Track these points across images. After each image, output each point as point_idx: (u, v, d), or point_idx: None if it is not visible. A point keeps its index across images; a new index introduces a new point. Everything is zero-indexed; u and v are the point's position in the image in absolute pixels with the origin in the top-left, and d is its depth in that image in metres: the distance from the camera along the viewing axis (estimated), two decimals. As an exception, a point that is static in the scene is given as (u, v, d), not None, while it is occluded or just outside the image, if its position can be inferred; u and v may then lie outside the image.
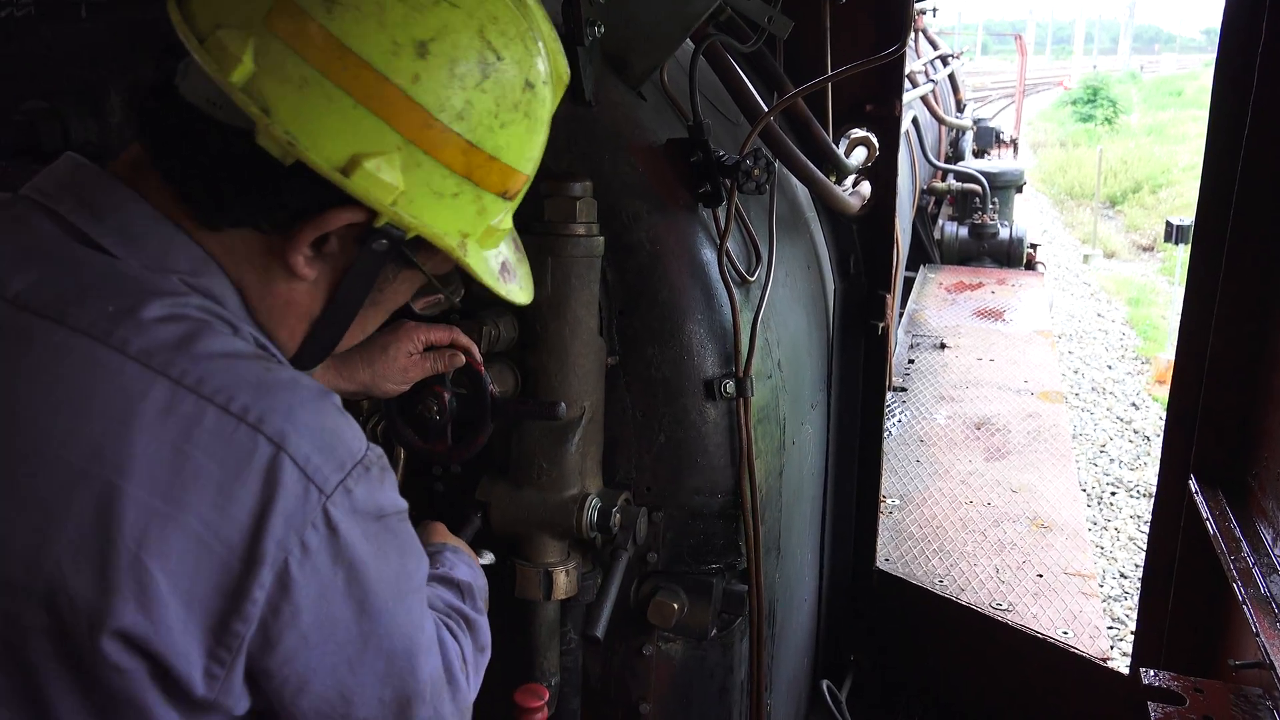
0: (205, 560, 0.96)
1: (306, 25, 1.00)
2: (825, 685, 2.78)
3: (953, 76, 9.84)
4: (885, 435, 3.10)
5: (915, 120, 6.93)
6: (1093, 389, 9.79)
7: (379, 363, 1.58)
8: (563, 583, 1.86)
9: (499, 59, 1.09)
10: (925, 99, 7.50)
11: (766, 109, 2.24)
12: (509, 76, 1.10)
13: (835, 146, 2.70)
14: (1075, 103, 33.56)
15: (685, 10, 1.90)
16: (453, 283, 1.36)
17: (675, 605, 1.93)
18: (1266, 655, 1.75)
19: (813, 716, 2.79)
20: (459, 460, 1.84)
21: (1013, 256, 8.10)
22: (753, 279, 2.06)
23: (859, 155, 2.84)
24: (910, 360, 5.51)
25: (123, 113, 1.96)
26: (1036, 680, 2.93)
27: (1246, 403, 2.19)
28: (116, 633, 0.94)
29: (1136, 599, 3.35)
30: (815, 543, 2.76)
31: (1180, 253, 11.05)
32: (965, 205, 8.29)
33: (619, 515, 1.85)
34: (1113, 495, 7.47)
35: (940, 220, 8.52)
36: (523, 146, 1.15)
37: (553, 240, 1.76)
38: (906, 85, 4.31)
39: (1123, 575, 6.31)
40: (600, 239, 1.80)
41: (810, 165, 2.39)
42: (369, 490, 1.06)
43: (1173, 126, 28.99)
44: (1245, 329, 2.16)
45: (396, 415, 1.77)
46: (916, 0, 5.90)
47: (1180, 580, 2.35)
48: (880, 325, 2.87)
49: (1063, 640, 2.90)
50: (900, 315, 6.18)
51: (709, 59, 2.24)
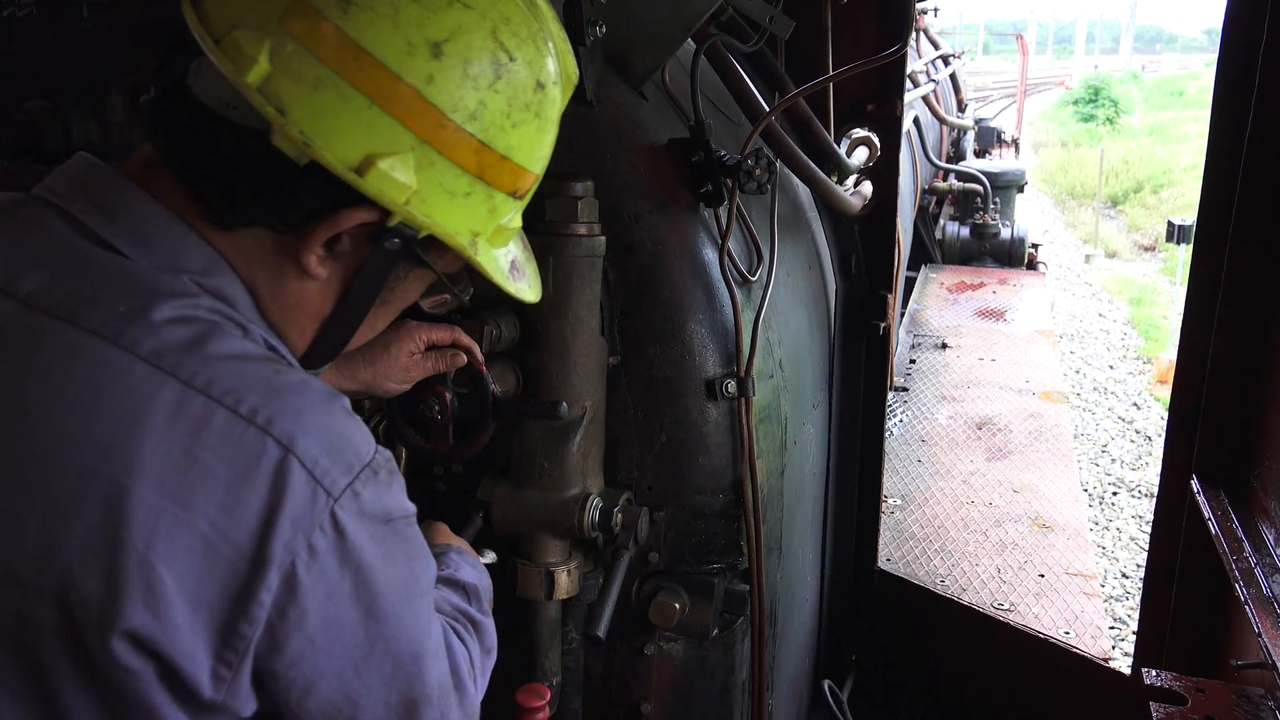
0: (212, 562, 0.96)
1: (321, 26, 1.00)
2: (827, 685, 2.78)
3: (954, 76, 9.83)
4: (887, 435, 3.09)
5: (917, 120, 6.92)
6: (1094, 389, 9.79)
7: (381, 362, 1.58)
8: (564, 582, 1.87)
9: (511, 59, 1.09)
10: (927, 99, 7.49)
11: (768, 109, 2.24)
12: (521, 77, 1.10)
13: (837, 146, 2.70)
14: (1077, 102, 33.56)
15: (686, 10, 1.90)
16: (462, 281, 1.37)
17: (677, 605, 1.93)
18: (1269, 655, 1.75)
19: (814, 716, 2.79)
20: (460, 460, 1.84)
21: (1014, 256, 8.09)
22: (754, 279, 2.06)
23: (860, 155, 2.84)
24: (912, 360, 5.50)
25: (124, 112, 1.96)
26: (1038, 680, 2.93)
27: (1248, 403, 2.19)
28: (125, 633, 0.94)
29: (1138, 599, 3.35)
30: (817, 543, 2.76)
31: (1182, 252, 11.05)
32: (967, 205, 8.28)
33: (620, 515, 1.85)
34: (1114, 495, 7.46)
35: (942, 220, 8.52)
36: (533, 146, 1.16)
37: (554, 240, 1.76)
38: (908, 85, 4.31)
39: (1124, 575, 6.31)
40: (602, 239, 1.80)
41: (812, 165, 2.39)
42: (377, 493, 1.06)
43: (1174, 126, 28.99)
44: (1247, 329, 2.16)
45: (398, 415, 1.77)
46: (918, 0, 5.90)
47: (1182, 580, 2.35)
48: (882, 325, 2.87)
49: (1064, 640, 2.90)
50: (902, 315, 6.18)
51: (710, 59, 2.24)
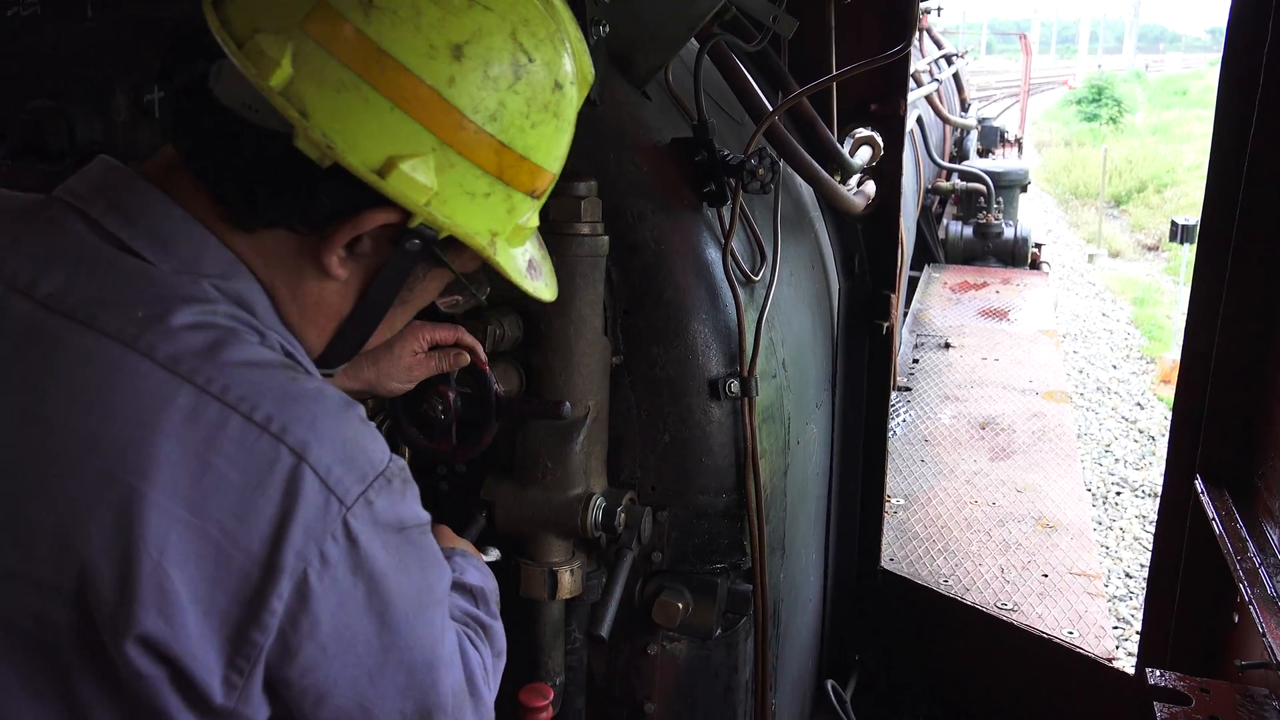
0: (224, 568, 0.96)
1: (343, 29, 1.00)
2: (830, 685, 2.78)
3: (957, 76, 9.84)
4: (890, 435, 3.09)
5: (920, 119, 6.92)
6: (1098, 389, 9.78)
7: (384, 361, 1.57)
8: (567, 582, 1.86)
9: (530, 61, 1.09)
10: (930, 98, 7.50)
11: (771, 108, 2.24)
12: (539, 78, 1.11)
13: (840, 146, 2.70)
14: (1080, 102, 33.52)
15: (690, 10, 1.90)
16: (479, 281, 1.37)
17: (680, 605, 1.93)
18: (1273, 655, 1.75)
19: (817, 716, 2.79)
20: (464, 459, 1.84)
21: (1017, 256, 8.10)
22: (757, 278, 2.06)
23: (864, 154, 2.84)
24: (915, 360, 5.50)
25: (128, 111, 1.96)
26: (1041, 680, 2.93)
27: (1252, 402, 2.18)
28: (138, 638, 0.94)
29: (1142, 599, 3.35)
30: (820, 542, 2.76)
31: (1185, 252, 11.03)
32: (970, 205, 8.29)
33: (623, 515, 1.85)
34: (1118, 495, 7.46)
35: (945, 220, 8.52)
36: (551, 146, 1.16)
37: (557, 239, 1.76)
38: (911, 84, 4.31)
39: (1128, 575, 6.31)
40: (605, 238, 1.80)
41: (815, 164, 2.39)
42: (390, 502, 1.06)
43: (1178, 126, 28.97)
44: (1251, 328, 2.15)
45: (401, 414, 1.77)
46: (921, -1, 5.89)
47: (1186, 580, 2.34)
48: (885, 325, 2.87)
49: (1068, 640, 2.90)
50: (905, 315, 6.18)
51: (714, 58, 2.24)
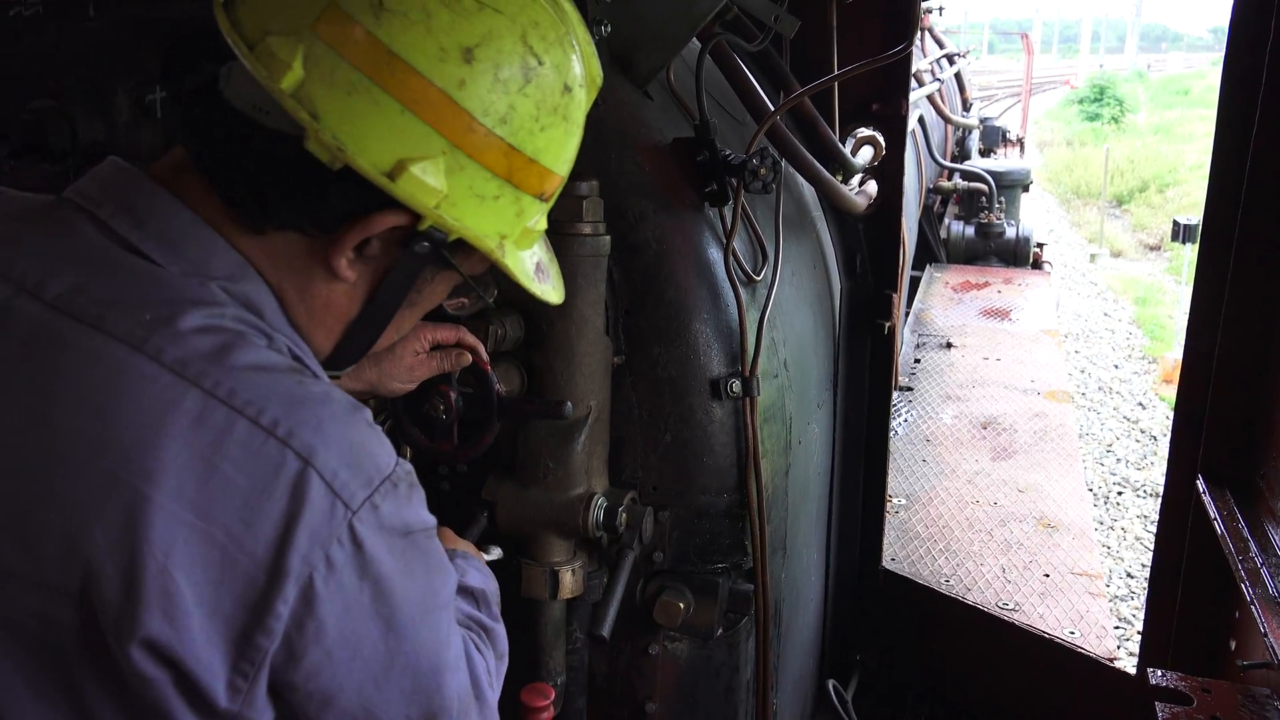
0: (229, 572, 0.96)
1: (354, 31, 1.00)
2: (831, 685, 2.78)
3: (959, 75, 9.82)
4: (891, 435, 3.09)
5: (921, 119, 6.92)
6: (1099, 388, 9.77)
7: (386, 362, 1.57)
8: (569, 582, 1.87)
9: (540, 63, 1.09)
10: (931, 98, 7.49)
11: (773, 108, 2.24)
12: (549, 80, 1.11)
13: (842, 145, 2.70)
14: (1082, 101, 33.48)
15: (691, 9, 1.89)
16: (486, 283, 1.37)
17: (681, 605, 1.93)
18: (1275, 656, 1.75)
19: (819, 716, 2.79)
20: (465, 459, 1.84)
21: (1019, 256, 8.09)
22: (759, 278, 2.06)
23: (865, 154, 2.84)
24: (916, 360, 5.50)
25: (130, 111, 1.96)
26: (1043, 680, 2.92)
27: (1254, 402, 2.18)
28: (143, 641, 0.94)
29: (1143, 599, 3.34)
30: (821, 542, 2.76)
31: (1187, 252, 11.01)
32: (971, 204, 8.28)
33: (625, 514, 1.85)
34: (1119, 495, 7.45)
35: (946, 219, 8.52)
36: (560, 149, 1.16)
37: (559, 239, 1.75)
38: (913, 84, 4.31)
39: (1129, 575, 6.30)
40: (606, 238, 1.80)
41: (817, 164, 2.39)
42: (396, 506, 1.05)
43: (1180, 125, 28.93)
44: (1253, 328, 2.15)
45: (403, 414, 1.77)
46: (923, -1, 5.89)
47: (1188, 580, 2.34)
48: (886, 324, 2.87)
49: (1069, 640, 2.90)
50: (906, 314, 6.17)
51: (715, 58, 2.24)
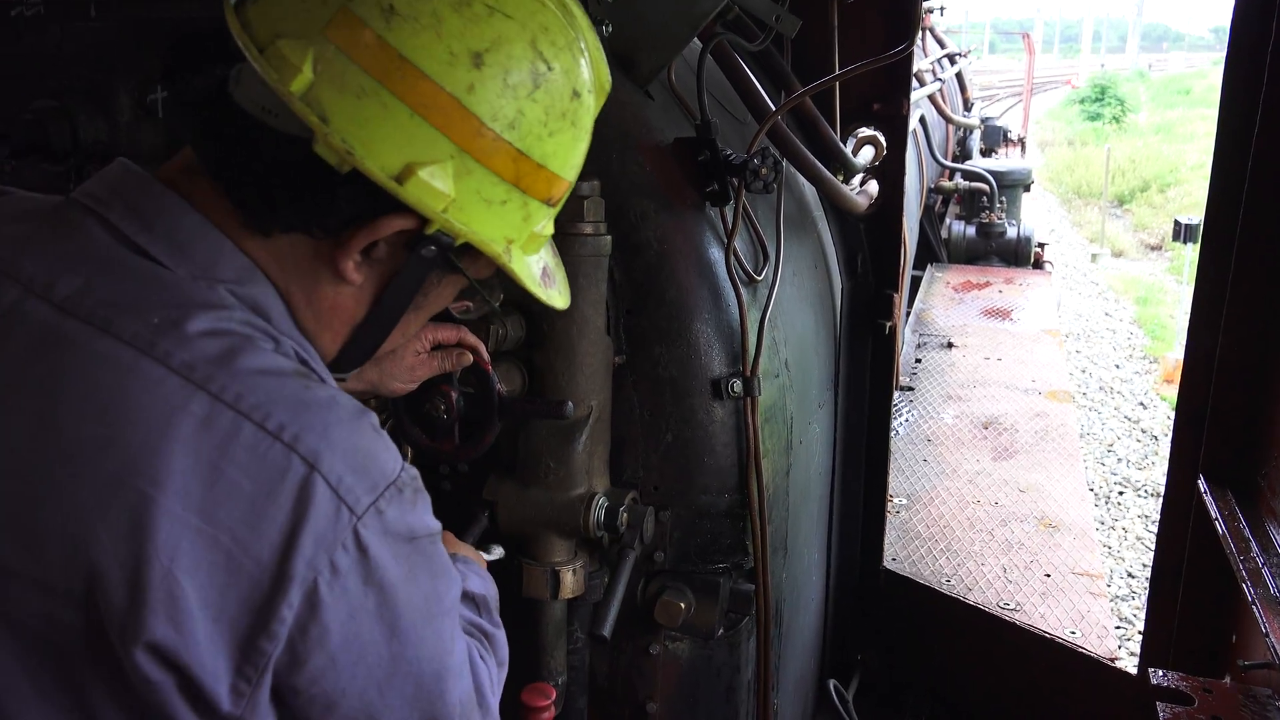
0: (235, 577, 0.96)
1: (364, 35, 1.01)
2: (832, 685, 2.78)
3: (960, 75, 9.82)
4: (892, 434, 3.09)
5: (923, 119, 6.91)
6: (1100, 388, 9.76)
7: (387, 361, 1.57)
8: (569, 582, 1.87)
9: (549, 69, 1.09)
10: (933, 98, 7.49)
11: (774, 108, 2.24)
12: (558, 86, 1.11)
13: (843, 145, 2.70)
14: (1083, 101, 33.47)
15: (692, 9, 1.89)
16: (492, 287, 1.37)
17: (682, 604, 1.93)
18: (1276, 656, 1.74)
19: (819, 716, 2.79)
20: (466, 459, 1.84)
21: (1020, 255, 8.09)
22: (760, 278, 2.06)
23: (866, 154, 2.84)
24: (917, 359, 5.50)
25: (131, 111, 1.97)
26: (1044, 680, 2.92)
27: (1255, 402, 2.18)
28: (148, 645, 0.94)
29: (1144, 599, 3.34)
30: (822, 542, 2.76)
31: (1189, 252, 11.01)
32: (973, 204, 8.28)
33: (626, 514, 1.85)
34: (1120, 495, 7.44)
35: (948, 219, 8.51)
36: (568, 154, 1.16)
37: (560, 239, 1.74)
38: (914, 84, 4.30)
39: (1130, 575, 6.30)
40: (608, 238, 1.80)
41: (818, 164, 2.39)
42: (401, 512, 1.05)
43: (1181, 125, 28.92)
44: (1254, 328, 2.15)
45: (404, 414, 1.77)
46: (924, -1, 5.88)
47: (1189, 580, 2.34)
48: (887, 324, 2.86)
49: (1070, 640, 2.90)
50: (907, 314, 6.17)
51: (716, 58, 2.23)
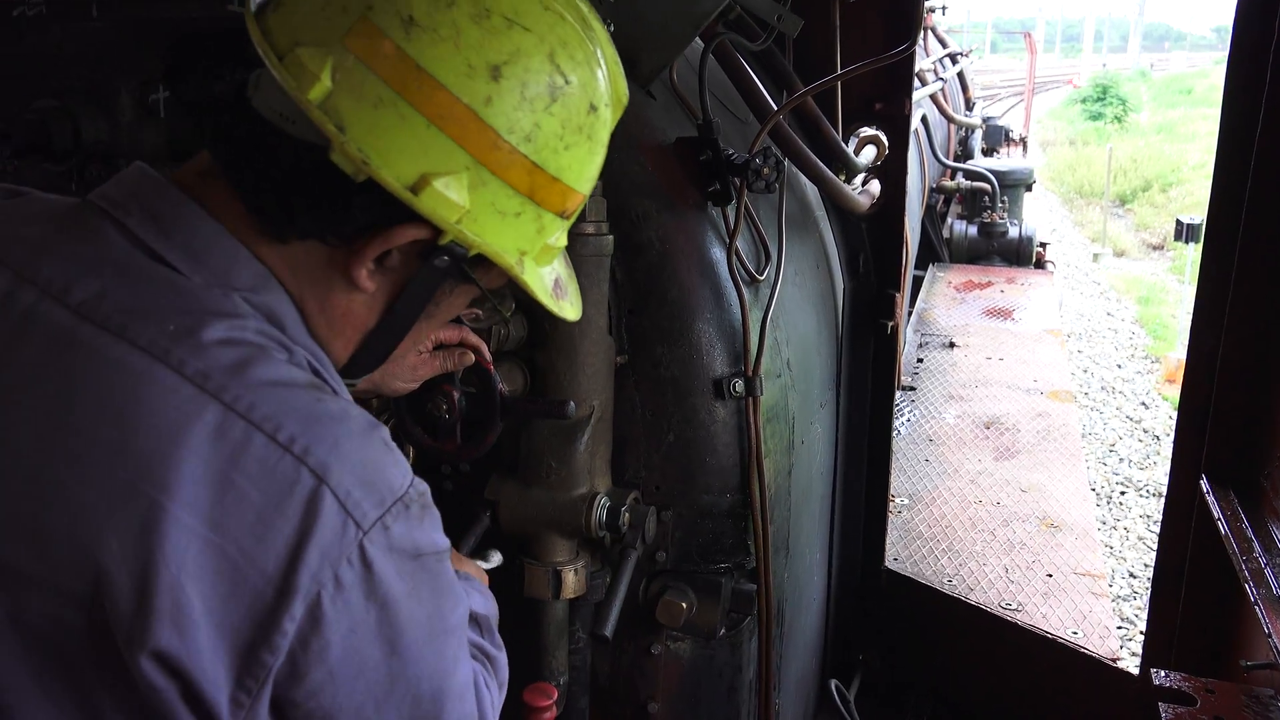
0: (239, 587, 0.96)
1: (384, 46, 1.01)
2: (834, 684, 2.78)
3: (962, 75, 9.82)
4: (894, 434, 3.09)
5: (924, 118, 6.91)
6: (1102, 388, 9.76)
7: (389, 362, 1.57)
8: (571, 582, 1.87)
9: (567, 83, 1.09)
10: (934, 97, 7.48)
11: (776, 107, 2.24)
12: (575, 100, 1.11)
13: (845, 145, 2.70)
14: (1085, 101, 33.46)
15: (694, 9, 1.89)
16: (503, 296, 1.38)
17: (684, 604, 1.93)
18: (1278, 656, 1.74)
19: (821, 716, 2.79)
20: (468, 459, 1.84)
21: (1022, 255, 8.09)
22: (762, 278, 2.06)
23: (868, 154, 2.84)
24: (919, 359, 5.50)
25: (133, 111, 1.96)
26: (1046, 680, 2.92)
27: (1258, 402, 2.18)
28: (153, 652, 0.94)
29: (1146, 599, 3.34)
30: (824, 542, 2.76)
31: (1190, 251, 11.01)
32: (974, 204, 8.28)
33: (628, 514, 1.85)
34: (1122, 495, 7.44)
35: (949, 219, 8.51)
36: (583, 167, 1.16)
37: (562, 239, 1.76)
38: (916, 83, 4.30)
39: (1132, 575, 6.29)
40: (609, 238, 1.80)
41: (820, 164, 2.39)
42: (407, 528, 1.05)
43: (1183, 124, 28.90)
44: (1257, 328, 2.15)
45: (406, 414, 1.77)
46: (926, -2, 5.88)
47: (1191, 580, 2.34)
48: (889, 324, 2.86)
49: (1072, 640, 2.89)
50: (909, 314, 6.17)
51: (718, 57, 2.23)
